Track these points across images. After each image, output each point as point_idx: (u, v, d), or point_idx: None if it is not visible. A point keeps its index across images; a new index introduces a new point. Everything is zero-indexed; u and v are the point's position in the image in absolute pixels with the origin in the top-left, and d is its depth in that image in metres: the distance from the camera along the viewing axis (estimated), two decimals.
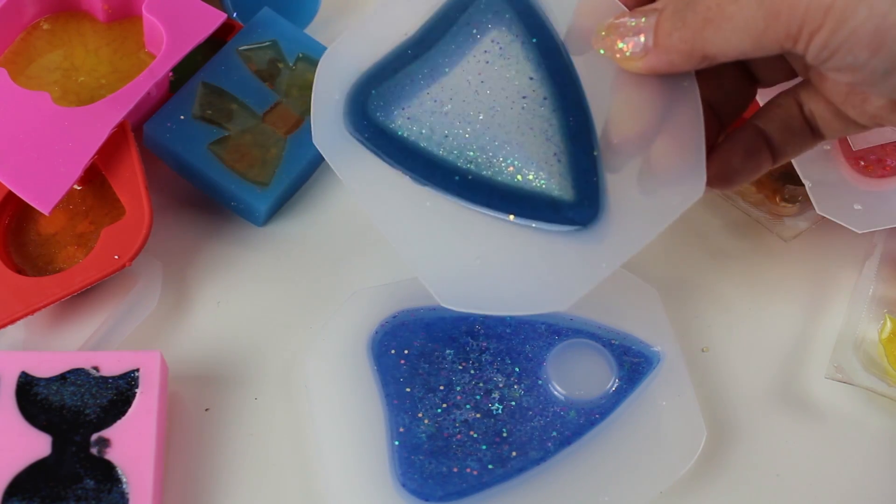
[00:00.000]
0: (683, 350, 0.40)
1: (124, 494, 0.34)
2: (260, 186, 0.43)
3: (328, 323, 0.40)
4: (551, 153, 0.32)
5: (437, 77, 0.34)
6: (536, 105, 0.33)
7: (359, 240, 0.45)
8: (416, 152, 0.33)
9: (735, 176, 0.35)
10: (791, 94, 0.34)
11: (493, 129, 0.33)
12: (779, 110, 0.35)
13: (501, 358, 0.39)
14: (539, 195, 0.32)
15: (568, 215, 0.32)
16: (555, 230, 0.32)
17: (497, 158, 0.33)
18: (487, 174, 0.33)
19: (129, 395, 0.36)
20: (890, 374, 0.41)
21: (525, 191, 0.32)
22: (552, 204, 0.32)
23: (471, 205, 0.33)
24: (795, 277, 0.45)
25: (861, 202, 0.42)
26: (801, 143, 0.35)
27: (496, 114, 0.33)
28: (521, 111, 0.33)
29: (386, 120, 0.34)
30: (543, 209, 0.32)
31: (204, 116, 0.43)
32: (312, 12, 0.50)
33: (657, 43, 0.30)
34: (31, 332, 0.41)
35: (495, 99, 0.33)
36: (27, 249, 0.42)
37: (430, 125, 0.33)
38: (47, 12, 0.45)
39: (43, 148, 0.39)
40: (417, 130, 0.33)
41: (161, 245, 0.43)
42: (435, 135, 0.33)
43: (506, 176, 0.33)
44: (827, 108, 0.33)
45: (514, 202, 0.32)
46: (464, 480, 0.36)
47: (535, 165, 0.33)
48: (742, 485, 0.39)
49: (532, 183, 0.32)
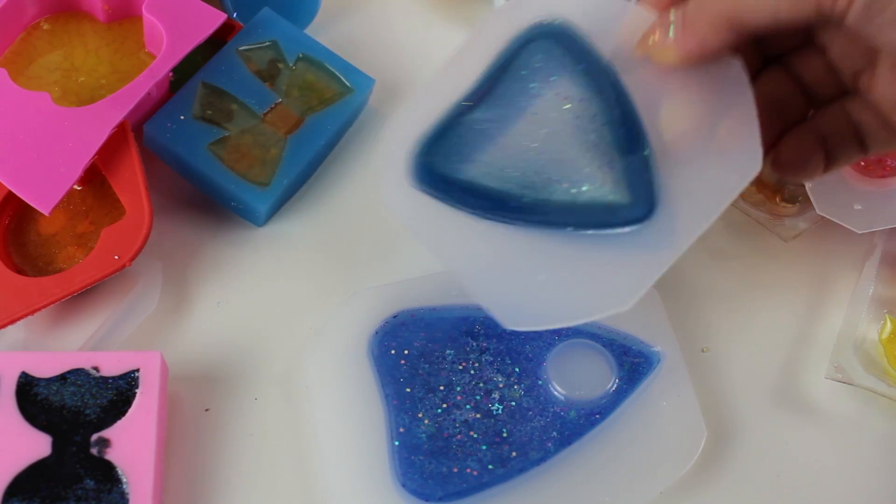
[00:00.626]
0: (683, 350, 0.40)
1: (124, 494, 0.34)
2: (260, 186, 0.43)
3: (328, 323, 0.40)
4: (604, 163, 0.33)
5: (494, 120, 0.35)
6: (587, 122, 0.34)
7: (359, 240, 0.45)
8: (476, 191, 0.34)
9: (792, 169, 0.35)
10: (840, 105, 0.34)
11: (548, 153, 0.34)
12: (828, 119, 0.34)
13: (501, 358, 0.39)
14: (594, 204, 0.33)
15: (623, 216, 0.33)
16: (612, 234, 0.33)
17: (552, 178, 0.34)
18: (544, 196, 0.34)
19: (129, 396, 0.36)
20: (890, 374, 0.41)
21: (580, 203, 0.33)
22: (608, 209, 0.33)
23: (530, 227, 0.34)
24: (795, 278, 0.45)
25: (861, 202, 0.42)
26: (849, 153, 0.35)
27: (550, 139, 0.34)
28: (574, 131, 0.34)
29: (448, 169, 0.35)
30: (599, 215, 0.33)
31: (204, 116, 0.43)
32: (312, 12, 0.50)
33: (685, 23, 0.30)
34: (31, 332, 0.41)
35: (548, 126, 0.34)
36: (27, 249, 0.42)
37: (488, 164, 0.35)
38: (47, 12, 0.45)
39: (43, 148, 0.39)
40: (477, 171, 0.35)
41: (161, 245, 0.43)
42: (493, 170, 0.34)
43: (561, 193, 0.34)
44: (873, 119, 0.33)
45: (570, 215, 0.33)
46: (464, 481, 0.36)
47: (589, 177, 0.33)
48: (742, 485, 0.39)
49: (586, 194, 0.33)
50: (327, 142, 0.45)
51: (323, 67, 0.47)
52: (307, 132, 0.45)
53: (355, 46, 0.50)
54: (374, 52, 0.51)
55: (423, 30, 0.52)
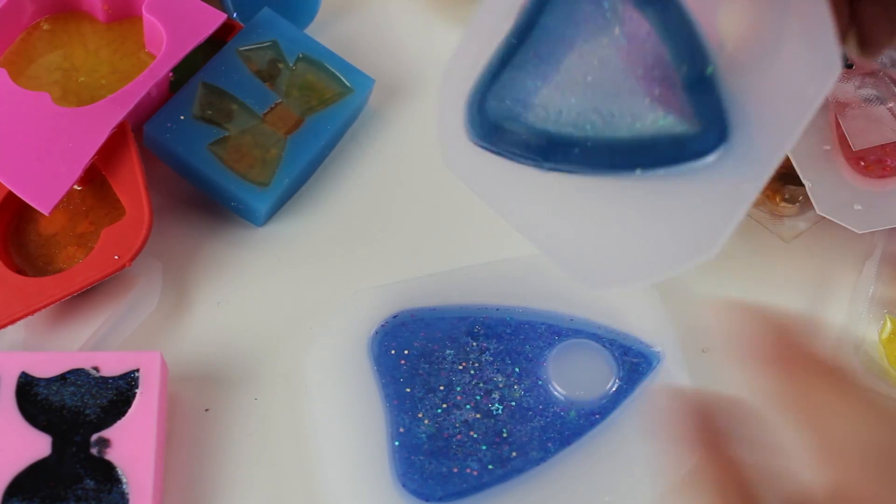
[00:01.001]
0: (683, 350, 0.40)
1: (124, 494, 0.34)
2: (260, 186, 0.43)
3: (328, 323, 0.40)
4: (665, 88, 0.30)
5: (542, 56, 0.32)
6: (640, 43, 0.30)
7: (359, 240, 0.45)
8: (534, 139, 0.31)
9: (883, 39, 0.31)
10: None
11: (603, 85, 0.31)
12: None
13: (501, 358, 0.39)
14: (661, 137, 0.30)
15: (694, 148, 0.29)
16: (685, 170, 0.29)
17: (612, 114, 0.31)
18: (606, 135, 0.30)
19: (129, 396, 0.36)
20: (890, 374, 0.41)
21: (646, 138, 0.30)
22: (676, 142, 0.30)
23: (597, 173, 0.31)
24: (795, 278, 0.45)
25: (861, 202, 0.42)
26: None
27: (603, 68, 0.31)
28: (627, 55, 0.30)
29: (503, 117, 0.32)
30: (668, 151, 0.30)
31: (204, 116, 0.43)
32: (312, 12, 0.50)
33: None
34: (31, 332, 0.41)
35: (599, 54, 0.31)
36: (27, 250, 0.42)
37: (543, 107, 0.32)
38: (47, 12, 0.45)
39: (43, 148, 0.39)
40: (533, 116, 0.32)
41: (161, 245, 0.43)
42: (550, 114, 0.31)
43: (623, 130, 0.30)
44: None
45: (636, 154, 0.30)
46: (464, 481, 0.36)
47: (651, 107, 0.30)
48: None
49: (651, 127, 0.30)
50: (327, 142, 0.45)
51: (323, 67, 0.47)
52: (307, 132, 0.45)
53: (355, 46, 0.50)
54: (374, 52, 0.51)
55: (423, 30, 0.52)
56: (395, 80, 0.50)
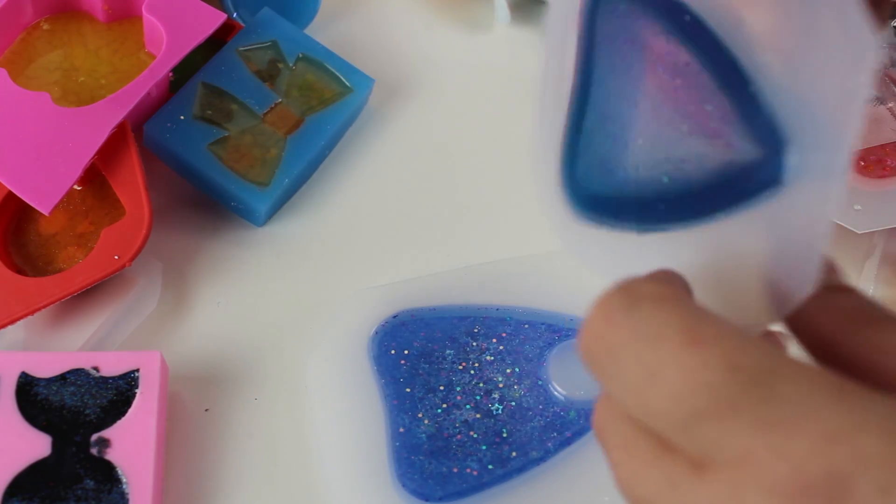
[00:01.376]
0: None
1: (124, 494, 0.34)
2: (260, 186, 0.43)
3: (328, 323, 0.40)
4: (717, 119, 0.29)
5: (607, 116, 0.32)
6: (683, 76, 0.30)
7: (359, 240, 0.45)
8: (623, 203, 0.31)
9: None
10: None
11: (665, 131, 0.30)
12: None
13: (501, 358, 0.39)
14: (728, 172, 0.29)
15: (760, 176, 0.28)
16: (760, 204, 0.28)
17: (681, 160, 0.30)
18: (682, 182, 0.30)
19: (129, 396, 0.36)
20: None
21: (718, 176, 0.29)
22: (743, 174, 0.28)
23: (687, 225, 0.30)
24: None
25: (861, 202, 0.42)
26: None
27: (658, 113, 0.30)
28: (675, 93, 0.30)
29: (593, 189, 0.32)
30: (738, 184, 0.29)
31: (204, 116, 0.43)
32: (312, 12, 0.50)
33: None
34: (31, 332, 0.41)
35: (652, 99, 0.31)
36: (27, 250, 0.42)
37: (623, 168, 0.31)
38: (47, 12, 0.45)
39: (43, 148, 0.39)
40: (616, 180, 0.31)
41: (161, 245, 0.43)
42: (629, 175, 0.31)
43: (696, 173, 0.29)
44: None
45: (713, 196, 0.29)
46: (464, 481, 0.36)
47: (711, 142, 0.29)
48: None
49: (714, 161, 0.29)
50: (327, 142, 0.45)
51: (323, 67, 0.47)
52: (307, 132, 0.45)
53: (355, 46, 0.50)
54: (374, 52, 0.51)
55: (423, 30, 0.52)
56: (395, 80, 0.50)
